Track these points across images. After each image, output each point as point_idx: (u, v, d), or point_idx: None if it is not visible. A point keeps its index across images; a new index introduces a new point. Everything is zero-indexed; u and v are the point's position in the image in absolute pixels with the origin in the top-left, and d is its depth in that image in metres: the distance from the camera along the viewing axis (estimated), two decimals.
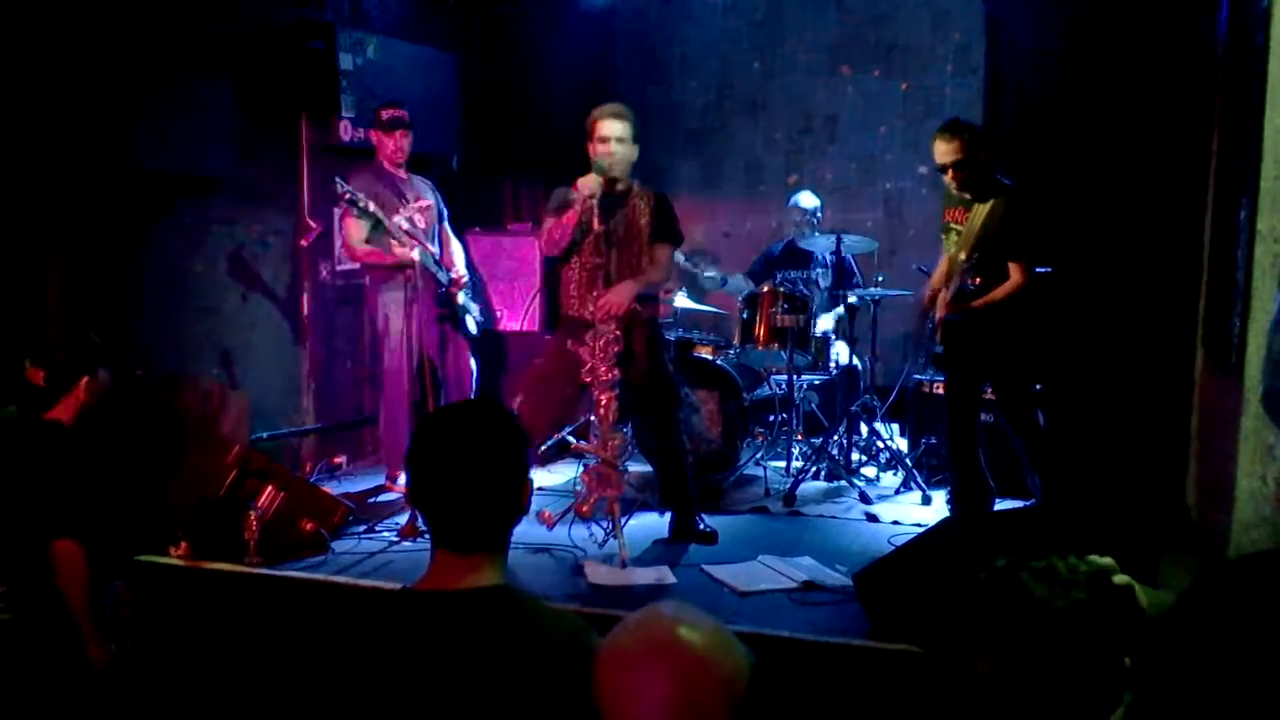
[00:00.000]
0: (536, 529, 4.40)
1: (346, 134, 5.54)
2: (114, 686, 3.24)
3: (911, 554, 3.54)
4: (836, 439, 5.69)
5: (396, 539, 4.44)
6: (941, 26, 7.01)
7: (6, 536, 3.20)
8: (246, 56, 5.29)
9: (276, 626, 3.79)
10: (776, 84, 7.37)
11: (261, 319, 5.52)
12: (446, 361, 5.20)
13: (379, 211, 4.81)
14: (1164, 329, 4.66)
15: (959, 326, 4.47)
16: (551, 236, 4.35)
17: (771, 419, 5.85)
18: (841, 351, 5.87)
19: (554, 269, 4.60)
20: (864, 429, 5.84)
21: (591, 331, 4.22)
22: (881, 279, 5.88)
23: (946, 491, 5.02)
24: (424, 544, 4.25)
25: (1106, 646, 1.38)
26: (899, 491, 5.44)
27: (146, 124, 4.75)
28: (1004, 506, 4.63)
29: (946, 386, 4.76)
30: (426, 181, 5.34)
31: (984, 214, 4.25)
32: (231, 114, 5.23)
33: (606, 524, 4.32)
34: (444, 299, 5.11)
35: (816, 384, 6.04)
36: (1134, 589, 1.43)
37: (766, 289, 5.64)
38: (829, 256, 6.08)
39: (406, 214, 4.89)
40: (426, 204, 5.12)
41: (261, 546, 4.10)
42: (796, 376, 5.70)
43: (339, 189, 4.75)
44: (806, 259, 6.27)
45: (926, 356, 5.45)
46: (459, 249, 5.44)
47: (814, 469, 5.55)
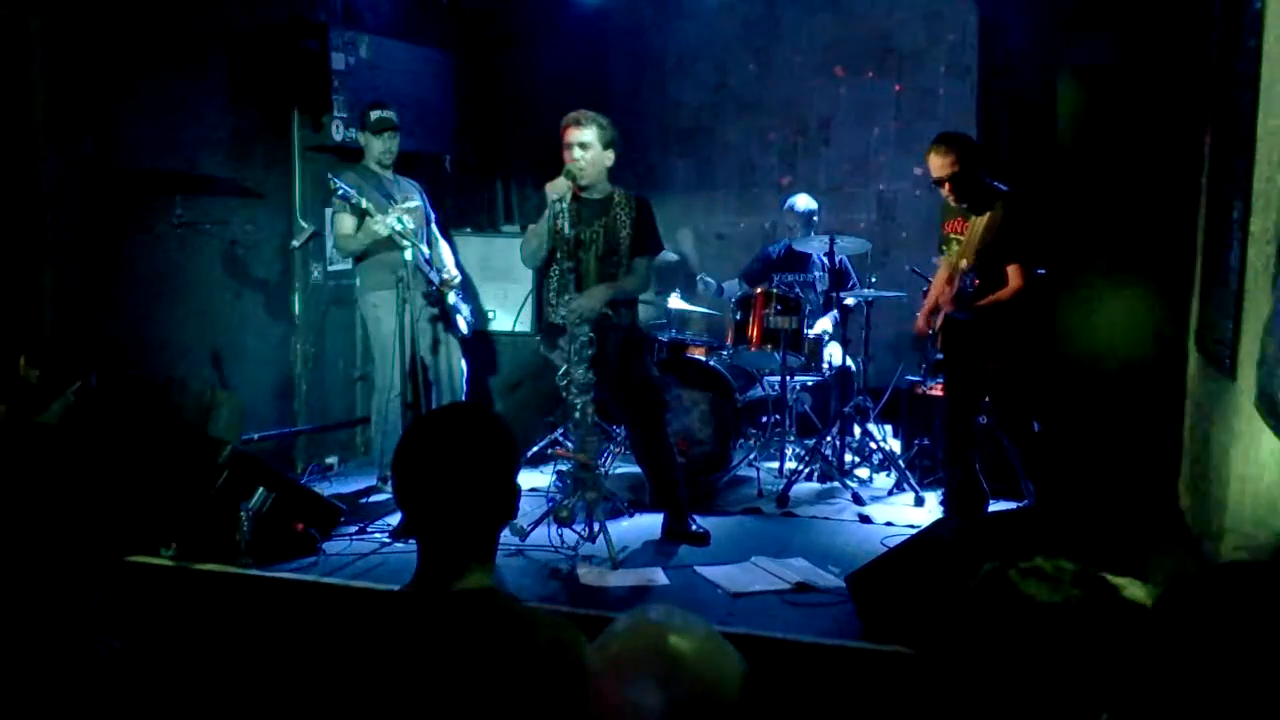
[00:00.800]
0: (527, 529, 4.39)
1: (339, 134, 5.53)
2: (103, 688, 3.22)
3: (904, 556, 3.54)
4: (830, 440, 5.68)
5: (388, 540, 4.43)
6: (935, 28, 7.02)
7: None
8: (239, 56, 5.28)
9: (267, 628, 3.77)
10: (770, 85, 7.37)
11: (253, 319, 5.50)
12: (438, 362, 5.19)
13: (371, 208, 4.80)
14: (1157, 330, 4.66)
15: (960, 330, 4.47)
16: (529, 246, 4.39)
17: (764, 420, 5.85)
18: (835, 353, 5.86)
19: (538, 275, 4.60)
20: (857, 430, 5.84)
21: (565, 335, 4.23)
22: (875, 280, 5.88)
23: (940, 493, 5.02)
24: (415, 546, 4.24)
25: (1095, 643, 1.37)
26: (892, 493, 5.43)
27: (138, 123, 4.74)
28: (997, 508, 4.63)
29: (945, 389, 4.75)
30: (414, 183, 5.33)
31: (983, 223, 4.24)
32: (223, 113, 5.23)
33: (585, 527, 4.32)
34: (435, 299, 5.10)
35: (809, 385, 6.03)
36: (1126, 588, 1.42)
37: (760, 291, 5.64)
38: (826, 259, 6.07)
39: (396, 214, 4.88)
40: (415, 205, 5.11)
41: (252, 547, 4.08)
42: (789, 378, 5.69)
43: (332, 184, 4.75)
44: (805, 262, 6.27)
45: (927, 363, 5.45)
46: (448, 250, 5.43)
47: (807, 470, 5.54)
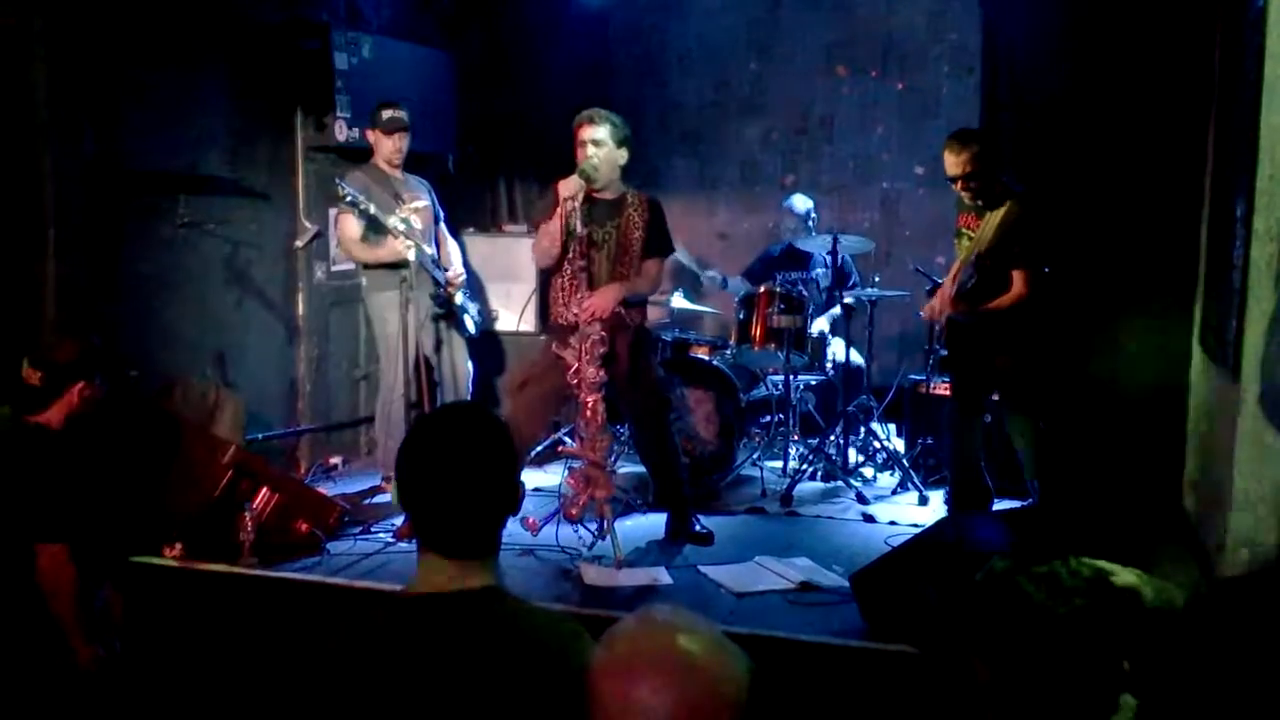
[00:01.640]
0: (527, 531, 4.39)
1: (342, 134, 5.53)
2: (105, 689, 3.22)
3: (908, 555, 3.54)
4: (833, 439, 5.68)
5: (392, 540, 4.43)
6: (937, 26, 7.00)
7: None
8: (241, 56, 5.28)
9: (271, 628, 3.77)
10: (773, 84, 7.36)
11: (256, 319, 5.50)
12: (442, 362, 5.19)
13: (378, 212, 4.79)
14: (1161, 328, 4.65)
15: (964, 331, 4.46)
16: (540, 245, 4.38)
17: (768, 419, 5.84)
18: (838, 349, 5.85)
19: (547, 276, 4.60)
20: (861, 429, 5.83)
21: (577, 334, 4.22)
22: (878, 279, 5.87)
23: (944, 492, 5.02)
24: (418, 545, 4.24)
25: (1105, 651, 1.37)
26: (896, 492, 5.43)
27: (141, 123, 4.74)
28: (1001, 507, 4.63)
29: (951, 388, 4.75)
30: (423, 182, 5.32)
31: (996, 221, 4.23)
32: (226, 114, 5.23)
33: (595, 525, 4.31)
34: (441, 299, 5.10)
35: (813, 384, 6.03)
36: (1137, 592, 1.42)
37: (763, 290, 5.63)
38: (828, 257, 6.07)
39: (403, 214, 4.87)
40: (423, 204, 5.10)
41: (256, 548, 4.09)
42: (793, 377, 5.69)
43: (340, 190, 4.73)
44: (806, 260, 6.27)
45: (933, 360, 5.44)
46: (456, 249, 5.43)
47: (810, 469, 5.54)
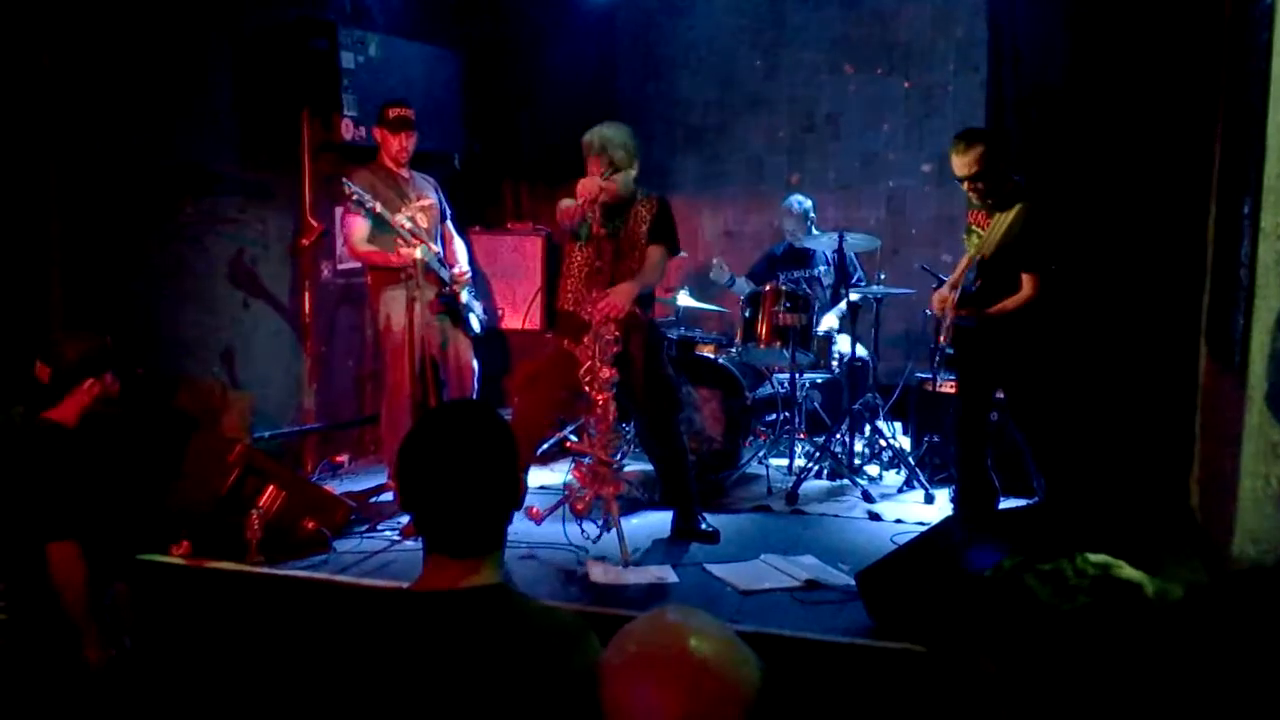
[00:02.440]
0: (534, 528, 4.40)
1: (348, 133, 5.54)
2: (114, 687, 3.23)
3: (914, 553, 3.53)
4: (839, 438, 5.68)
5: (399, 538, 4.44)
6: (943, 24, 6.99)
7: (5, 536, 3.20)
8: (248, 55, 5.29)
9: (278, 626, 3.78)
10: (778, 82, 7.35)
11: (263, 318, 5.52)
12: (448, 360, 5.19)
13: (384, 211, 4.79)
14: (1168, 326, 4.65)
15: (972, 330, 4.46)
16: (565, 213, 4.42)
17: (774, 418, 5.85)
18: (844, 344, 5.84)
19: (556, 262, 4.62)
20: (866, 428, 5.83)
21: (591, 333, 4.22)
22: (884, 277, 5.87)
23: (950, 490, 5.01)
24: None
25: (1111, 648, 1.38)
26: (902, 490, 5.43)
27: (147, 121, 4.76)
28: (1008, 505, 4.62)
29: (958, 387, 4.74)
30: (429, 180, 5.32)
31: (1005, 222, 4.22)
32: (233, 112, 5.24)
33: (601, 522, 4.31)
34: (447, 298, 5.10)
35: (819, 382, 6.03)
36: (1141, 587, 1.43)
37: (769, 288, 5.63)
38: (832, 255, 6.07)
39: (409, 213, 4.88)
40: (429, 202, 5.10)
41: (263, 546, 4.10)
42: (799, 375, 5.69)
43: (346, 189, 4.73)
44: (809, 258, 6.27)
45: (940, 357, 5.43)
46: (462, 247, 5.43)
47: (816, 468, 5.54)
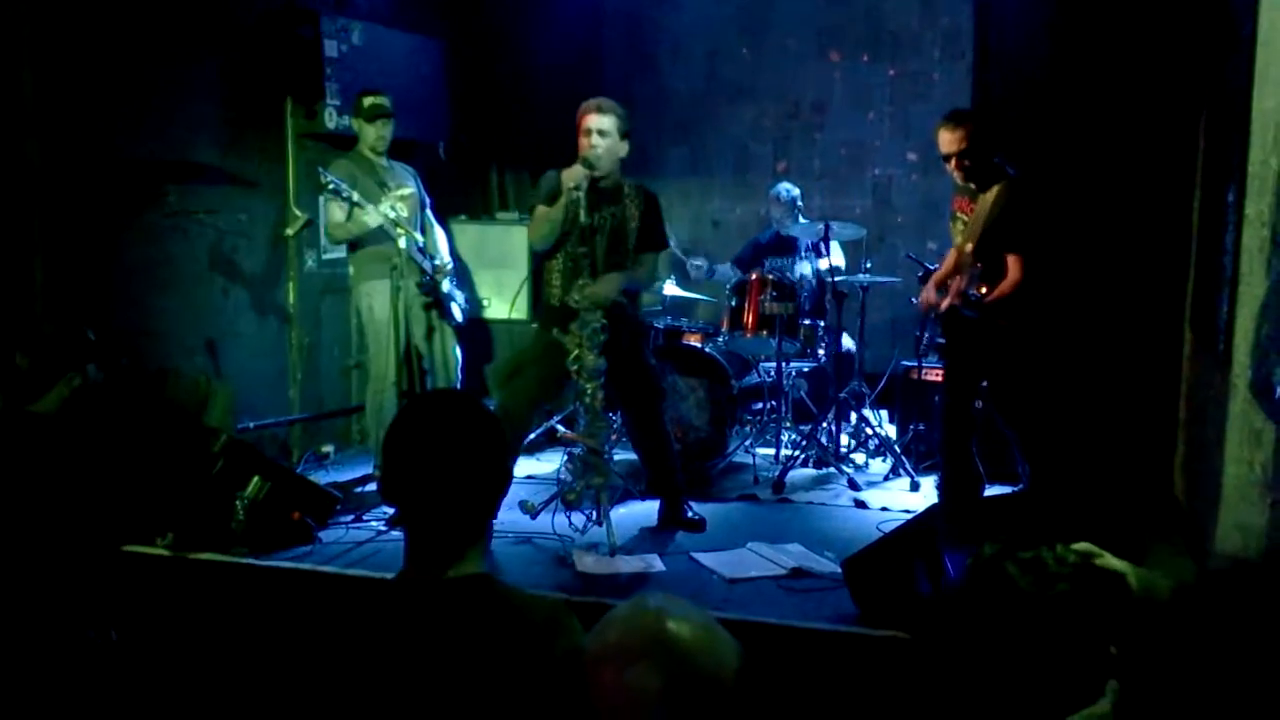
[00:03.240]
0: (523, 518, 4.40)
1: (332, 121, 5.52)
2: (100, 678, 3.22)
3: (900, 541, 3.54)
4: (825, 426, 5.69)
5: (384, 528, 4.42)
6: (929, 12, 7.00)
7: None
8: (231, 43, 5.26)
9: (263, 617, 3.77)
10: (764, 70, 7.35)
11: (247, 308, 5.49)
12: (433, 350, 5.18)
13: (361, 200, 4.78)
14: (1152, 313, 4.66)
15: (963, 319, 4.46)
16: (539, 230, 4.36)
17: (760, 406, 5.85)
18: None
19: (538, 259, 4.59)
20: (853, 416, 5.84)
21: (577, 321, 4.21)
22: (869, 266, 5.87)
23: (936, 477, 5.02)
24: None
25: (1091, 636, 1.38)
26: (887, 478, 5.44)
27: (129, 111, 4.73)
28: (993, 492, 4.64)
29: (945, 374, 4.75)
30: (409, 169, 5.31)
31: (988, 205, 4.23)
32: (216, 101, 5.21)
33: (592, 512, 4.31)
34: (427, 286, 5.09)
35: (805, 371, 6.04)
36: (1123, 576, 1.43)
37: (755, 277, 5.63)
38: (819, 243, 6.06)
39: (389, 202, 4.87)
40: (409, 191, 5.09)
41: (248, 536, 4.08)
42: (785, 364, 5.69)
43: (322, 178, 4.73)
44: (794, 246, 6.27)
45: (925, 345, 5.44)
46: (443, 236, 5.42)
47: (803, 456, 5.55)
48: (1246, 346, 3.15)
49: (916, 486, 5.21)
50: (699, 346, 5.75)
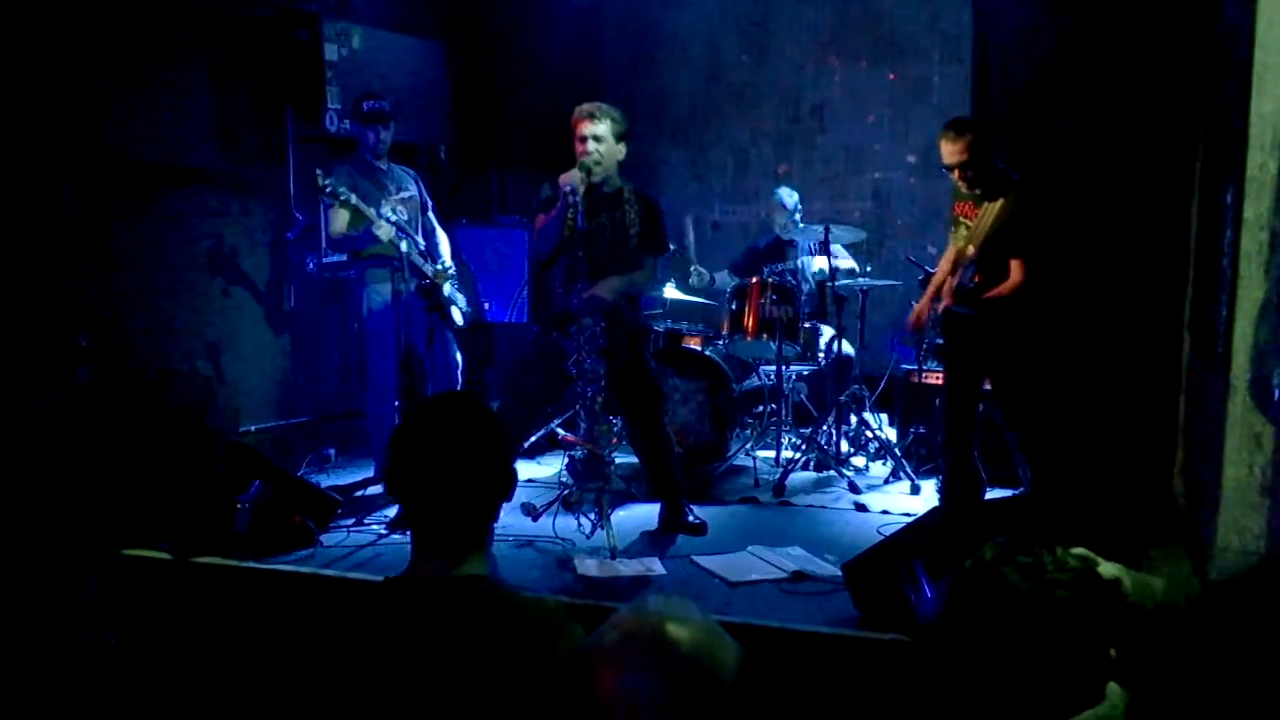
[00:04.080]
0: (525, 521, 4.40)
1: (332, 125, 5.52)
2: (100, 682, 3.22)
3: (900, 544, 3.54)
4: (826, 429, 5.69)
5: (385, 532, 4.42)
6: (929, 16, 7.01)
7: None
8: (231, 46, 5.27)
9: (264, 620, 3.77)
10: (765, 74, 7.36)
11: (247, 311, 5.50)
12: (433, 354, 5.18)
13: (361, 204, 4.78)
14: (1151, 316, 4.66)
15: (962, 320, 4.47)
16: (539, 245, 4.38)
17: (760, 410, 5.85)
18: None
19: (539, 267, 4.60)
20: (853, 419, 5.84)
21: (576, 324, 4.22)
22: (869, 269, 5.88)
23: (936, 481, 5.02)
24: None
25: (1090, 641, 1.39)
26: (888, 481, 5.45)
27: (129, 114, 4.73)
28: (994, 495, 4.64)
29: (946, 378, 4.75)
30: (409, 172, 5.31)
31: (994, 212, 4.22)
32: (216, 105, 5.22)
33: (594, 515, 4.31)
34: (429, 290, 5.09)
35: (805, 374, 6.04)
36: (1120, 582, 1.44)
37: (755, 281, 5.64)
38: (815, 246, 6.06)
39: (389, 205, 4.87)
40: (408, 195, 5.10)
41: (249, 540, 4.08)
42: (785, 367, 5.70)
43: (320, 183, 4.73)
44: (791, 250, 6.27)
45: (927, 348, 5.44)
46: (444, 240, 5.42)
47: (803, 459, 5.55)
48: (1245, 349, 3.15)
49: (917, 490, 5.21)
50: (699, 350, 5.75)
